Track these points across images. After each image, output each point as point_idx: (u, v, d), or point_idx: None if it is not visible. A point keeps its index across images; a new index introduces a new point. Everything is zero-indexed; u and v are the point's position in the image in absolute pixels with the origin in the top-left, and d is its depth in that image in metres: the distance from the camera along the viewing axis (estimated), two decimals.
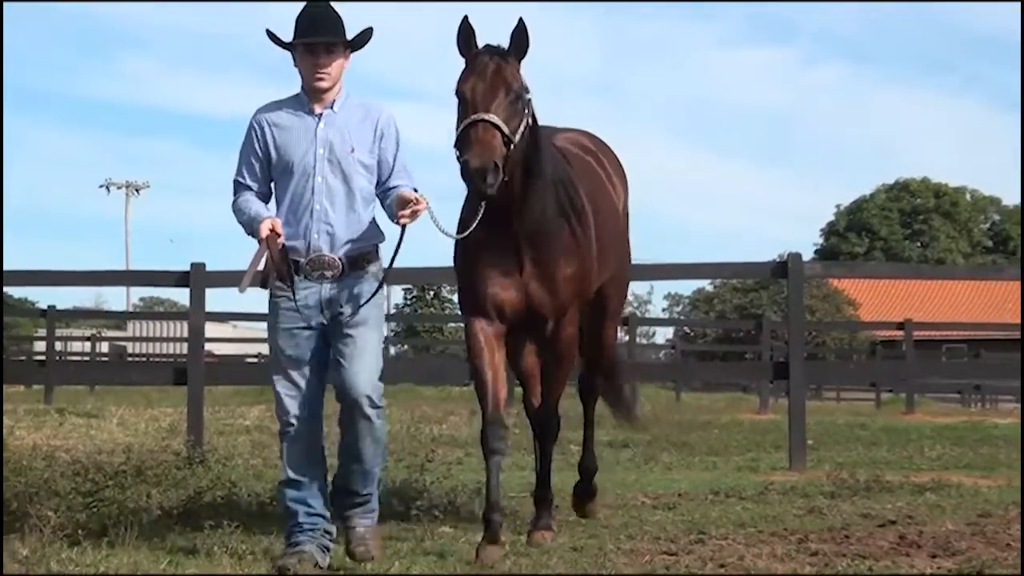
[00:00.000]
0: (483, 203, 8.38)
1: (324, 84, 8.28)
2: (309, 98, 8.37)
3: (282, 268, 8.11)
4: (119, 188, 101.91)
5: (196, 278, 16.06)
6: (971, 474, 14.68)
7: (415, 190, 8.24)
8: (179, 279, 16.58)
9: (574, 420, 11.31)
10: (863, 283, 68.69)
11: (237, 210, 8.32)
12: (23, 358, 39.09)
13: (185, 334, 19.36)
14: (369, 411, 8.14)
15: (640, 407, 11.78)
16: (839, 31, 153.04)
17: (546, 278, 8.98)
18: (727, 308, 66.89)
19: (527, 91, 8.52)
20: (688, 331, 56.32)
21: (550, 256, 8.98)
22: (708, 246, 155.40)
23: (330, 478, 8.57)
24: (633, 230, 10.72)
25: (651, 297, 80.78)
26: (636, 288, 75.40)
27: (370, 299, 8.24)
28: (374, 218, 8.40)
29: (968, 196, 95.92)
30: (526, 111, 8.49)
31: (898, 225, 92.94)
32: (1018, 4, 48.44)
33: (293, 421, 8.27)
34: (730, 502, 11.75)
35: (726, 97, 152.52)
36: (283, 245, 8.07)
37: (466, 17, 8.43)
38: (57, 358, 34.62)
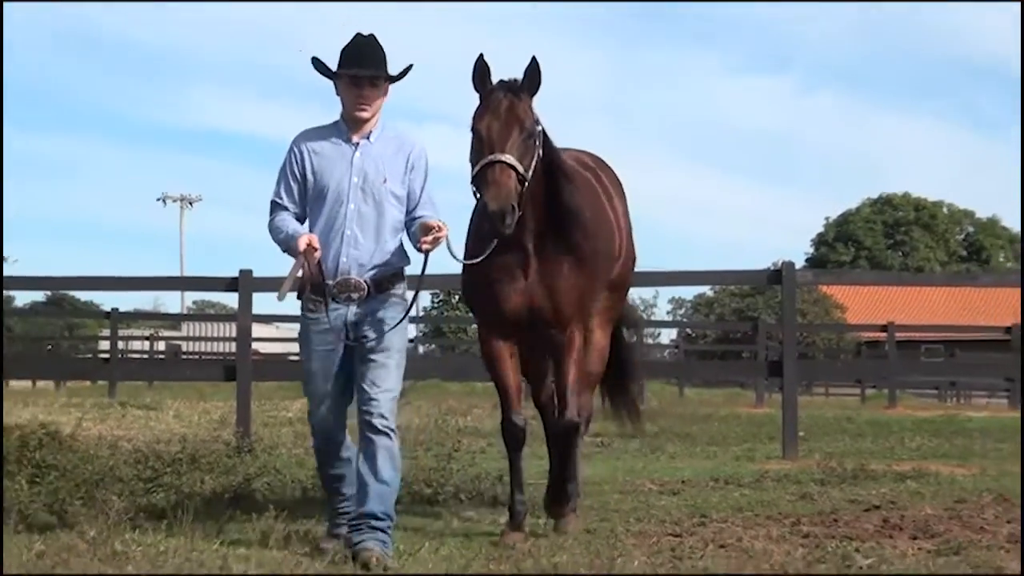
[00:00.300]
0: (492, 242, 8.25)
1: (365, 115, 8.06)
2: (348, 127, 8.15)
3: (318, 279, 7.93)
4: (174, 201, 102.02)
5: (244, 283, 16.08)
6: (948, 463, 14.64)
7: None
8: (229, 284, 16.59)
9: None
10: (849, 289, 68.62)
11: (275, 228, 8.13)
12: (89, 356, 39.18)
13: (234, 334, 19.39)
14: (386, 430, 7.90)
15: (646, 404, 11.19)
16: (829, 62, 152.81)
17: (551, 292, 8.70)
18: (726, 311, 66.91)
19: (539, 124, 8.35)
20: (690, 332, 56.27)
21: (557, 271, 8.71)
22: (708, 255, 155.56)
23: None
24: (640, 240, 10.45)
25: (656, 301, 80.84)
26: (642, 293, 75.63)
27: (395, 326, 8.03)
28: (400, 244, 8.19)
29: (945, 209, 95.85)
30: (537, 145, 8.30)
31: (881, 236, 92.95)
32: (1017, 5, 46.79)
33: (322, 432, 8.19)
34: (729, 488, 11.74)
35: (726, 120, 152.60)
36: (319, 259, 7.90)
37: (481, 55, 8.28)
38: (119, 356, 34.62)
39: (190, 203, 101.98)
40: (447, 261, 8.58)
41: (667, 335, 53.93)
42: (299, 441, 16.72)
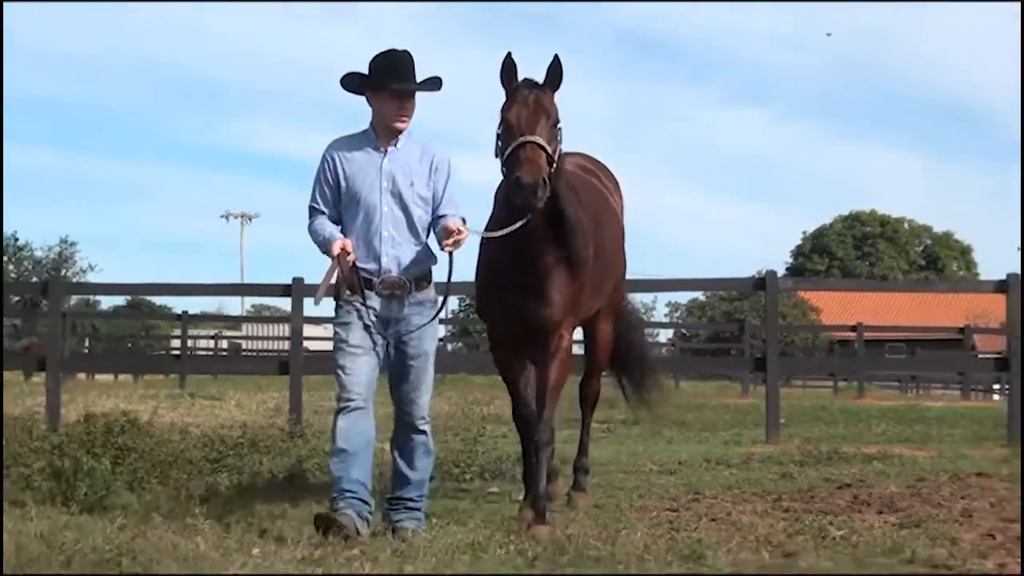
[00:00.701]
0: (524, 218, 7.74)
1: (403, 125, 7.72)
2: (378, 135, 7.76)
3: (353, 281, 7.59)
4: (235, 218, 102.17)
5: (296, 290, 16.14)
6: (909, 447, 14.62)
7: (463, 220, 7.72)
8: (283, 290, 16.66)
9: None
10: (824, 294, 68.43)
11: (313, 231, 7.75)
12: (163, 353, 39.24)
13: (287, 334, 19.38)
14: (423, 428, 7.72)
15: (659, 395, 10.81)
16: (805, 96, 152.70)
17: (546, 300, 8.17)
18: (716, 314, 66.82)
19: (559, 120, 7.90)
20: (685, 332, 56.20)
21: (554, 280, 8.19)
22: (700, 264, 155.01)
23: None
24: (640, 250, 10.38)
25: (655, 305, 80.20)
26: (643, 297, 75.09)
27: (424, 325, 7.70)
28: (428, 243, 7.83)
29: (906, 225, 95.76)
30: (559, 137, 7.87)
31: (851, 248, 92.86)
32: (1017, 5, 45.74)
33: (349, 401, 7.59)
34: (719, 469, 11.74)
35: (716, 145, 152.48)
36: (353, 262, 7.57)
37: (509, 54, 7.88)
38: (188, 353, 34.70)
39: (249, 219, 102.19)
40: (470, 269, 8.53)
41: (664, 335, 53.80)
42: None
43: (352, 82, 7.79)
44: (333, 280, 7.69)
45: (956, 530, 7.82)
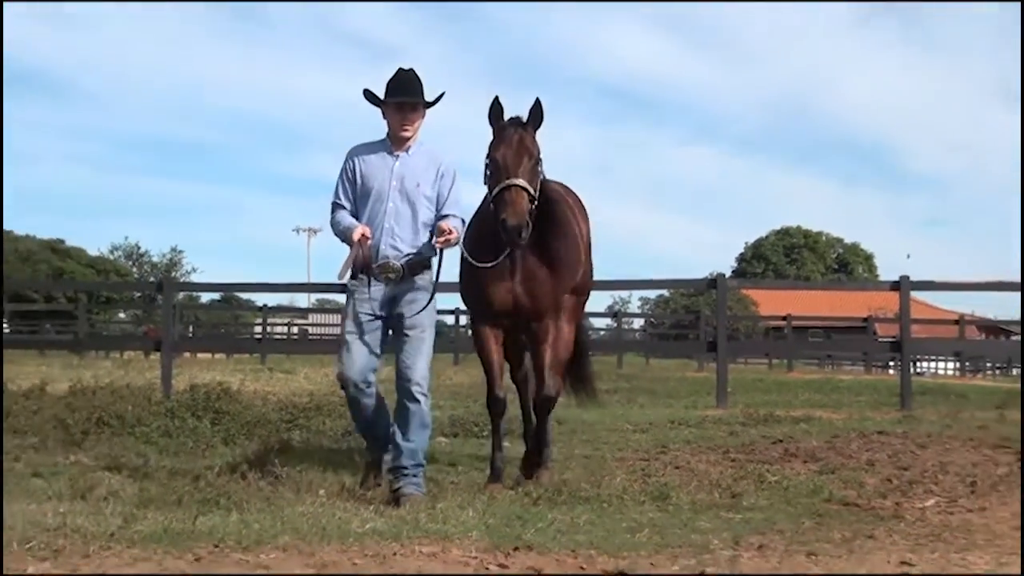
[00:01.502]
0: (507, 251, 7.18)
1: (408, 134, 7.22)
2: (392, 143, 7.27)
3: (369, 262, 7.08)
4: (304, 231, 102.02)
5: (351, 287, 16.10)
6: (826, 410, 14.55)
7: (462, 220, 7.23)
8: (341, 288, 16.50)
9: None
10: (761, 291, 68.29)
11: (335, 223, 7.27)
12: (248, 337, 39.22)
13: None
14: (419, 396, 7.00)
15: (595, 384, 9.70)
16: (745, 137, 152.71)
17: (532, 292, 7.43)
18: (678, 306, 66.83)
19: (540, 157, 7.17)
20: (653, 321, 55.81)
21: (538, 275, 7.43)
22: (666, 267, 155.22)
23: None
24: (620, 257, 10.10)
25: (630, 299, 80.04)
26: (621, 294, 75.09)
27: (424, 308, 7.14)
28: (430, 238, 7.17)
29: (824, 237, 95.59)
30: (541, 171, 7.19)
31: (782, 255, 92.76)
32: (1017, 5, 44.58)
33: (345, 389, 7.26)
34: (681, 428, 11.68)
35: (676, 175, 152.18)
36: (370, 246, 7.09)
37: (497, 97, 7.20)
38: (267, 336, 34.71)
39: (314, 232, 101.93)
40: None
41: (637, 323, 53.74)
42: (387, 394, 16.69)
43: (372, 97, 7.30)
44: (353, 261, 7.18)
45: (862, 476, 7.84)
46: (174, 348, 15.55)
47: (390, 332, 7.26)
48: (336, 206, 7.34)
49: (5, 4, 10.59)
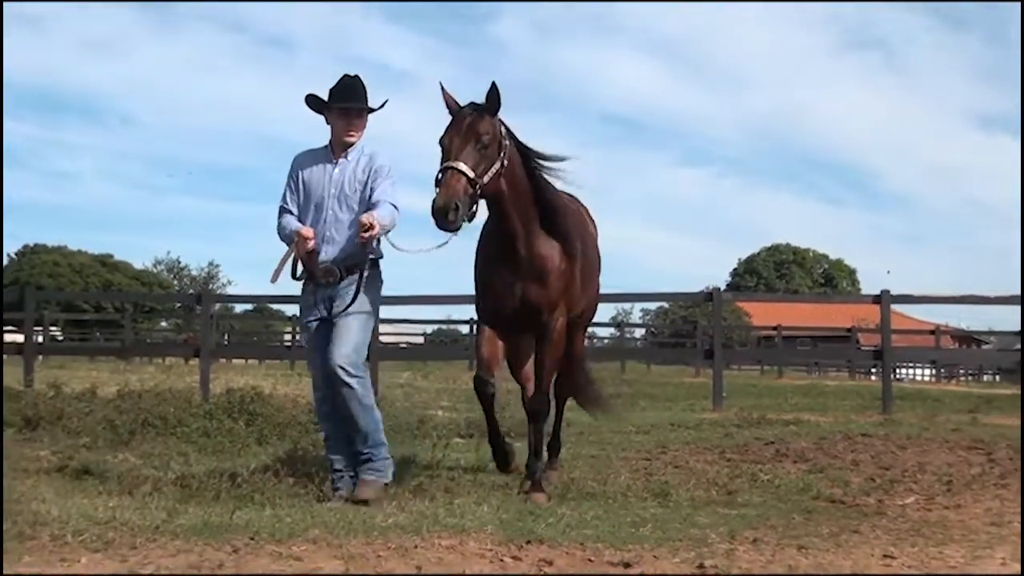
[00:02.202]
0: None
1: (353, 139, 6.75)
2: (333, 149, 6.78)
3: (313, 265, 6.62)
4: None
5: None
6: (814, 414, 14.55)
7: (393, 206, 6.58)
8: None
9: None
10: (753, 303, 68.14)
11: (281, 227, 6.75)
12: (278, 344, 39.25)
13: None
14: (346, 379, 6.40)
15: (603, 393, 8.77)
16: (738, 159, 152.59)
17: (540, 280, 6.77)
18: (676, 317, 66.82)
19: (505, 139, 6.48)
20: (654, 331, 55.83)
21: (547, 260, 6.79)
22: (665, 280, 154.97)
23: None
24: (621, 271, 9.83)
25: (632, 310, 79.85)
26: (624, 306, 74.99)
27: (350, 304, 6.56)
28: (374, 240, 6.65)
29: (811, 253, 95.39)
30: (500, 155, 6.41)
31: (772, 270, 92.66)
32: (1017, 5, 43.83)
33: (317, 390, 6.75)
34: (680, 430, 11.65)
35: (675, 195, 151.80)
36: (313, 249, 6.59)
37: (440, 84, 6.55)
38: (296, 344, 34.73)
39: None
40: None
41: (639, 332, 53.72)
42: (407, 398, 16.73)
43: (313, 103, 6.83)
44: (290, 261, 6.70)
45: (848, 475, 7.81)
46: (211, 355, 15.58)
47: None
48: (283, 210, 6.83)
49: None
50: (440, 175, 6.20)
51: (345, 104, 6.71)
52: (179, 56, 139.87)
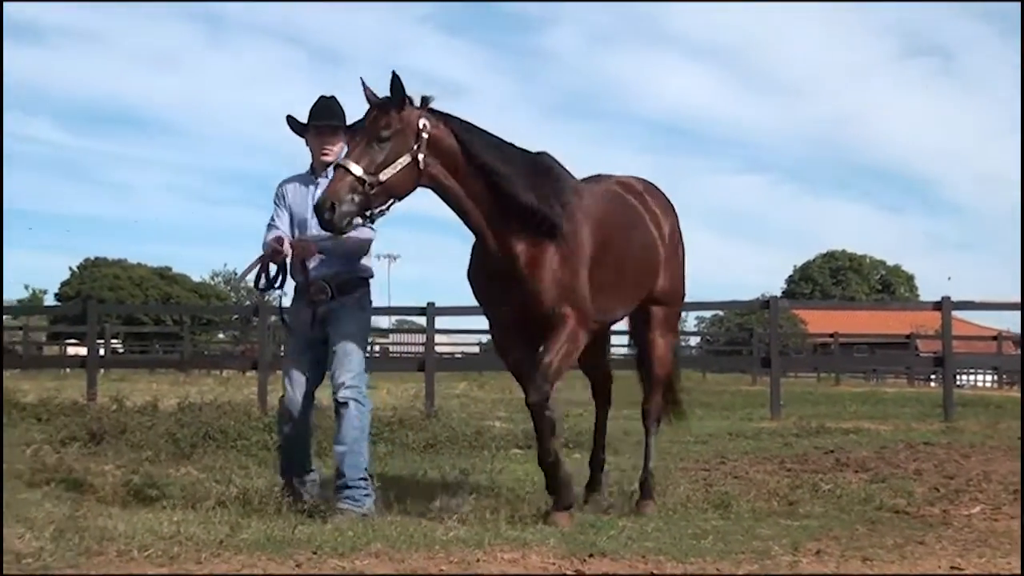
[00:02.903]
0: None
1: (329, 158, 6.60)
2: (315, 171, 6.69)
3: (304, 280, 6.54)
4: (384, 257, 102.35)
5: (430, 310, 16.25)
6: (874, 422, 14.41)
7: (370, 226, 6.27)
8: (420, 310, 16.75)
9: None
10: (809, 311, 67.61)
11: (265, 240, 6.59)
12: None
13: (423, 341, 19.35)
14: (352, 404, 6.36)
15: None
16: (793, 167, 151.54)
17: (534, 278, 6.10)
18: (731, 325, 66.51)
19: (421, 130, 5.91)
20: (708, 339, 55.54)
21: (538, 258, 6.09)
22: (718, 288, 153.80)
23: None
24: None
25: (687, 319, 79.52)
26: None
27: (349, 320, 6.54)
28: (358, 258, 6.70)
29: (868, 260, 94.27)
30: (414, 147, 5.87)
31: (828, 277, 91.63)
32: (1017, 5, 43.43)
33: (292, 410, 6.65)
34: (738, 439, 11.59)
35: (729, 203, 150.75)
36: (303, 262, 6.49)
37: (361, 80, 6.01)
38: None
39: (394, 259, 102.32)
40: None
41: (694, 340, 53.40)
42: (463, 408, 16.75)
43: (293, 125, 6.74)
44: (255, 271, 6.53)
45: (911, 485, 7.74)
46: (269, 366, 15.71)
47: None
48: (270, 226, 6.71)
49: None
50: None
51: (319, 123, 6.66)
52: (236, 69, 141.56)
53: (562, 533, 5.62)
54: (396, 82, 5.85)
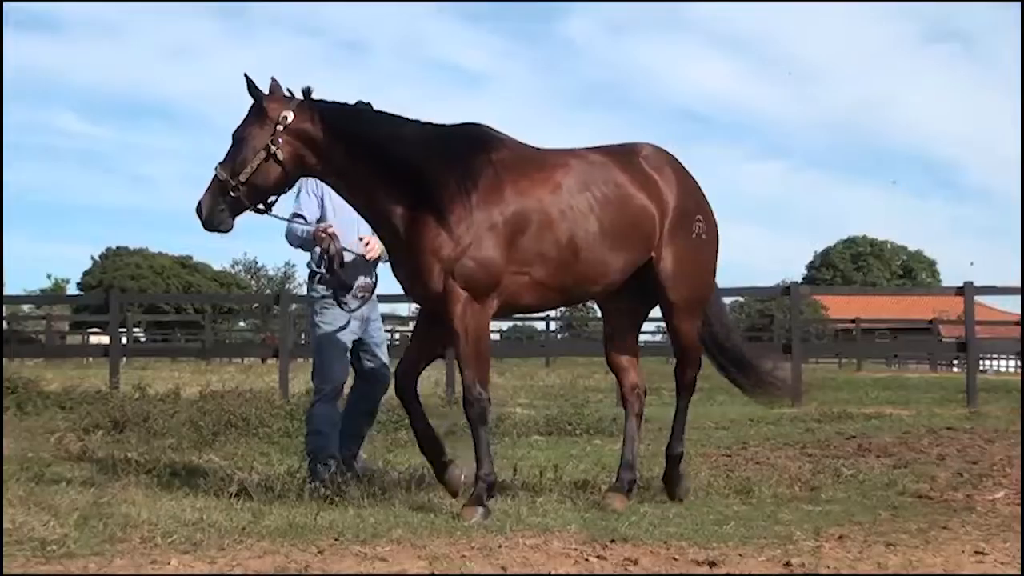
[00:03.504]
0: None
1: None
2: None
3: (341, 260, 6.70)
4: None
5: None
6: (896, 407, 14.35)
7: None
8: None
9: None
10: (830, 297, 67.55)
11: (290, 231, 6.84)
12: None
13: None
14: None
15: (793, 381, 7.25)
16: (813, 153, 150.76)
17: (413, 256, 5.88)
18: (752, 311, 66.38)
19: (277, 123, 5.85)
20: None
21: (416, 234, 5.83)
22: (738, 273, 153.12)
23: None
24: None
25: None
26: None
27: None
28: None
29: (889, 245, 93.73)
30: (268, 143, 5.80)
31: (849, 263, 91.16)
32: (1018, 5, 42.84)
33: (322, 391, 7.07)
34: (760, 425, 11.57)
35: (749, 188, 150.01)
36: (340, 249, 6.66)
37: (245, 75, 5.96)
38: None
39: None
40: None
41: None
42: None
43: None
44: (330, 252, 6.68)
45: (934, 470, 7.71)
46: (290, 354, 15.73)
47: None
48: (295, 216, 6.84)
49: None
50: None
51: None
52: (255, 61, 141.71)
53: (583, 518, 5.63)
54: (249, 84, 5.94)
